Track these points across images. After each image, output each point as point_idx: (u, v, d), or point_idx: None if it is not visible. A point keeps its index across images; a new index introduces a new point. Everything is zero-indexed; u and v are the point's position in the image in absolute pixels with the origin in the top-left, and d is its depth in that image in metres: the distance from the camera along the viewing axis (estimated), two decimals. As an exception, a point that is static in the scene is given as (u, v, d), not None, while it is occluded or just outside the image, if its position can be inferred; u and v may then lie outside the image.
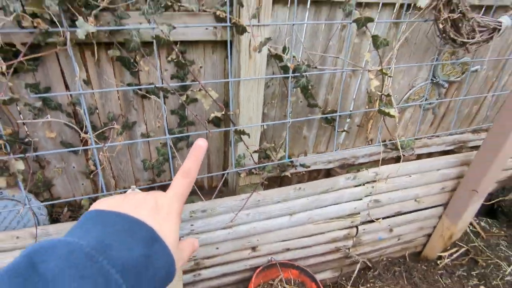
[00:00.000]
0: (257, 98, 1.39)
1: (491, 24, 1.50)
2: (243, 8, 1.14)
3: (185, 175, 0.43)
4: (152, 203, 0.38)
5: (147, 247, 0.32)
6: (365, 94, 1.80)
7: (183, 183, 0.42)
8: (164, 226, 0.36)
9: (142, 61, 1.24)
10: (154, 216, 0.36)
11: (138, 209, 0.36)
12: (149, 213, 0.36)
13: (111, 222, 0.33)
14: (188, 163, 0.43)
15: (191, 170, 0.43)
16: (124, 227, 0.32)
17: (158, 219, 0.36)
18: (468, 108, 2.19)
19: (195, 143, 0.44)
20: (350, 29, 1.47)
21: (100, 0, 1.08)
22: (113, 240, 0.30)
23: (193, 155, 0.44)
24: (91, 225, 0.32)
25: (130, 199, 0.37)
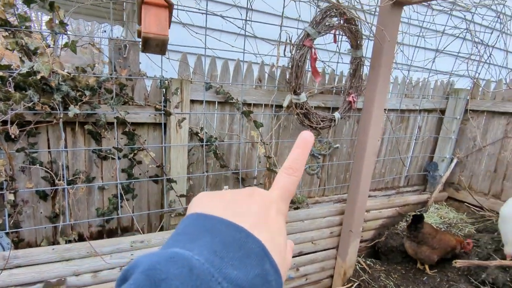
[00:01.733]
0: (183, 158, 2.12)
1: (328, 116, 2.51)
2: (170, 103, 1.98)
3: (291, 172, 0.37)
4: (258, 207, 0.32)
5: (261, 265, 0.27)
6: (264, 161, 2.61)
7: (288, 180, 0.37)
8: (273, 233, 0.31)
9: (106, 133, 1.95)
10: (261, 223, 0.31)
11: (244, 215, 0.31)
12: (257, 220, 0.31)
13: (218, 231, 0.28)
14: (293, 157, 0.38)
15: (297, 165, 0.37)
16: (234, 238, 0.27)
17: (266, 226, 0.31)
18: (343, 175, 3.10)
19: (300, 135, 0.39)
20: (242, 118, 2.36)
21: (83, 96, 1.84)
22: (226, 256, 0.26)
23: (298, 148, 0.38)
24: (197, 233, 0.28)
25: (233, 201, 0.33)
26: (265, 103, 2.46)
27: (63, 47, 1.77)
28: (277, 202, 0.35)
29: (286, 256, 0.34)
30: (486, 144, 3.21)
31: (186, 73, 2.14)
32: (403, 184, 3.55)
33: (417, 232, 2.50)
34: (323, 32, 2.16)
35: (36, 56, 1.63)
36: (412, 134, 3.37)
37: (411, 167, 3.53)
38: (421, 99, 3.23)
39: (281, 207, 0.35)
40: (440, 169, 3.47)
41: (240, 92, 2.30)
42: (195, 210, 0.32)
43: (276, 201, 0.35)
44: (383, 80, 2.28)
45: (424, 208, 3.35)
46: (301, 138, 0.38)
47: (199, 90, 2.17)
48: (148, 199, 2.26)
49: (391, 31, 2.15)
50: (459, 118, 3.34)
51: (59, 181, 1.87)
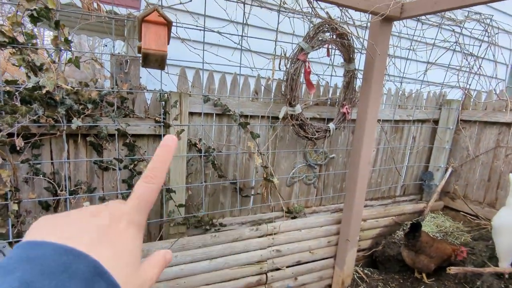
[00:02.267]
0: (181, 169, 2.18)
1: (323, 127, 2.58)
2: (170, 115, 2.05)
3: (149, 179, 0.35)
4: (104, 221, 0.31)
5: (88, 285, 0.25)
6: (262, 172, 2.67)
7: (146, 189, 0.35)
8: (119, 247, 0.30)
9: (107, 144, 2.02)
10: (104, 240, 0.29)
11: (83, 233, 0.29)
12: (98, 237, 0.29)
13: (41, 259, 0.26)
14: (152, 165, 0.36)
15: (156, 173, 0.35)
16: (57, 263, 0.25)
17: (110, 241, 0.30)
18: (339, 184, 3.15)
19: (162, 141, 0.37)
20: (240, 129, 2.43)
21: (86, 109, 1.92)
22: (41, 284, 0.24)
23: (158, 155, 0.36)
24: (15, 265, 0.25)
25: (74, 219, 0.31)
26: (262, 114, 2.53)
27: (67, 62, 1.85)
28: (129, 214, 0.33)
29: (143, 269, 0.33)
30: (479, 153, 3.27)
31: (185, 86, 2.22)
32: (399, 193, 3.60)
33: (415, 241, 2.54)
34: (316, 46, 2.26)
35: (41, 71, 1.71)
36: (407, 144, 3.44)
37: (406, 177, 3.58)
38: (414, 110, 3.31)
39: (135, 218, 0.33)
40: (436, 179, 3.53)
41: (237, 104, 2.38)
42: (29, 237, 0.29)
43: (128, 212, 0.33)
44: (375, 92, 2.37)
45: (421, 217, 3.38)
46: (162, 143, 0.37)
47: (197, 102, 2.25)
48: (147, 209, 2.31)
49: (382, 45, 2.25)
50: (452, 128, 3.41)
51: (61, 191, 1.92)
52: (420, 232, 2.58)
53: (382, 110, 3.10)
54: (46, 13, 1.67)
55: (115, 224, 0.32)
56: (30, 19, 1.68)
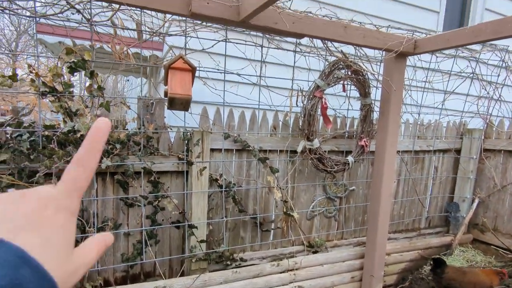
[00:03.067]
0: (203, 204, 2.24)
1: (341, 161, 2.60)
2: (192, 153, 2.14)
3: (79, 163, 0.33)
4: (29, 207, 0.29)
5: (11, 274, 0.24)
6: (281, 206, 2.68)
7: (76, 172, 0.33)
8: (47, 233, 0.29)
9: (133, 182, 2.12)
10: (29, 226, 0.28)
11: (5, 220, 0.27)
12: (22, 223, 0.28)
13: None
14: (84, 149, 0.34)
15: (86, 157, 0.34)
16: None
17: (36, 227, 0.28)
18: (361, 217, 3.10)
19: (94, 124, 0.35)
20: (259, 164, 2.49)
21: (114, 149, 2.04)
22: None
23: (89, 139, 0.34)
24: None
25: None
26: (280, 149, 2.59)
27: (99, 107, 2.00)
28: (57, 199, 0.31)
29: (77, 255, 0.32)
30: (506, 183, 3.16)
31: (206, 124, 2.33)
32: (424, 225, 3.48)
33: (439, 278, 2.42)
34: (332, 83, 2.34)
35: (76, 116, 1.86)
36: (429, 174, 3.37)
37: (431, 208, 3.48)
38: (434, 140, 3.27)
39: (64, 203, 0.31)
40: (462, 210, 3.40)
41: (256, 140, 2.45)
42: None
43: (56, 197, 0.31)
44: (393, 124, 2.39)
45: (449, 251, 3.24)
46: (94, 126, 0.35)
47: (218, 139, 2.34)
48: (170, 244, 2.35)
49: (397, 80, 2.30)
50: (476, 158, 3.33)
51: (89, 228, 2.01)
52: (444, 269, 2.47)
53: (401, 141, 3.09)
54: (83, 64, 1.84)
55: (42, 209, 0.30)
56: (69, 70, 1.85)
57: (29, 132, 1.86)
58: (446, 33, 2.02)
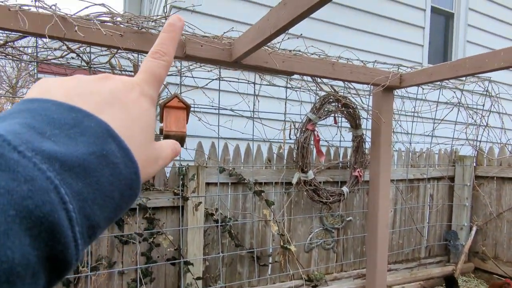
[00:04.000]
0: (199, 240, 2.22)
1: (336, 191, 2.62)
2: (188, 188, 2.16)
3: (158, 56, 0.32)
4: (114, 87, 0.28)
5: (100, 144, 0.23)
6: (278, 239, 2.65)
7: (155, 63, 0.32)
8: (132, 115, 0.27)
9: (128, 219, 2.11)
10: (115, 104, 0.27)
11: (91, 95, 0.26)
12: (108, 100, 0.26)
13: (44, 109, 0.23)
14: (159, 41, 0.33)
15: (163, 48, 0.32)
16: (64, 117, 0.22)
17: (122, 107, 0.27)
18: (359, 248, 3.06)
19: (168, 20, 0.34)
20: (254, 196, 2.50)
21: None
22: (48, 131, 0.21)
23: (164, 32, 0.33)
24: (14, 114, 0.22)
25: (83, 81, 0.27)
26: (275, 181, 2.61)
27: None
28: (140, 85, 0.30)
29: (159, 145, 0.31)
30: (502, 210, 3.17)
31: (202, 159, 2.36)
32: (424, 255, 3.43)
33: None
34: (323, 116, 2.41)
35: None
36: (425, 202, 3.38)
37: (429, 237, 3.45)
38: (428, 168, 3.32)
39: (147, 90, 0.30)
40: (461, 238, 3.38)
41: (252, 173, 2.48)
42: (30, 94, 0.26)
43: (139, 83, 0.30)
44: (384, 155, 2.44)
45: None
46: (167, 22, 0.34)
47: (213, 173, 2.36)
48: (165, 282, 2.30)
49: (386, 112, 2.38)
50: (470, 185, 3.36)
51: (82, 268, 1.97)
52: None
53: (394, 170, 3.13)
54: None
55: (128, 91, 0.28)
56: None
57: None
58: (429, 68, 2.13)
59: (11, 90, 10.75)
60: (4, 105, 12.16)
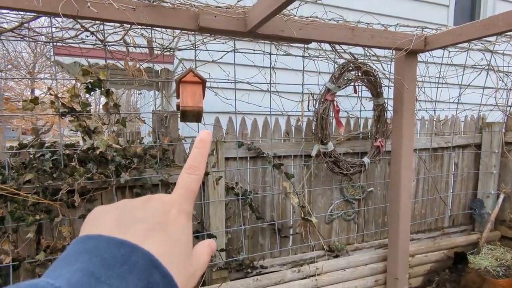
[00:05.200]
0: (221, 213, 2.26)
1: (357, 162, 2.57)
2: (208, 163, 2.17)
3: (191, 171, 0.37)
4: (155, 211, 0.32)
5: (146, 278, 0.26)
6: (299, 211, 2.67)
7: (190, 179, 0.37)
8: (172, 234, 0.31)
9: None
10: (157, 228, 0.30)
11: (135, 224, 0.30)
12: (151, 225, 0.30)
13: (97, 250, 0.27)
14: (191, 157, 0.38)
15: (196, 163, 0.38)
16: (115, 255, 0.26)
17: (163, 229, 0.31)
18: (381, 218, 3.04)
19: (198, 136, 0.40)
20: (274, 170, 2.49)
21: (132, 164, 2.09)
22: (104, 275, 0.25)
23: (196, 148, 0.39)
24: (75, 257, 0.26)
25: (126, 212, 0.31)
26: (295, 154, 2.59)
27: (115, 123, 2.06)
28: (179, 203, 0.34)
29: (195, 257, 0.34)
30: (532, 176, 3.04)
31: (220, 134, 2.36)
32: (447, 224, 3.38)
33: (458, 276, 2.35)
34: (343, 86, 2.33)
35: (95, 134, 1.92)
36: (449, 171, 3.28)
37: (454, 206, 3.38)
38: (453, 136, 3.19)
39: (184, 206, 0.34)
40: (487, 206, 3.29)
41: (270, 146, 2.46)
42: (83, 231, 0.30)
43: (177, 201, 0.34)
44: (407, 123, 2.35)
45: (476, 250, 3.13)
46: (198, 138, 0.39)
47: (232, 148, 2.36)
48: (190, 255, 2.37)
49: (409, 78, 2.27)
50: (498, 152, 3.22)
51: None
52: (465, 266, 2.38)
53: (418, 139, 3.03)
54: (99, 83, 1.91)
55: (167, 211, 0.32)
56: (86, 90, 1.92)
57: (51, 151, 1.93)
58: (457, 27, 1.99)
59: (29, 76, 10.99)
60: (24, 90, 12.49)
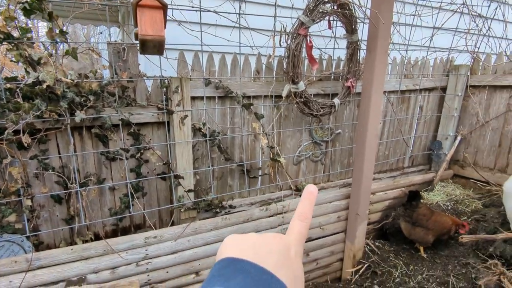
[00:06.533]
0: (188, 154, 2.18)
1: (327, 103, 2.53)
2: (172, 101, 2.03)
3: (302, 218, 0.43)
4: (280, 248, 0.38)
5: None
6: (268, 152, 2.66)
7: (301, 225, 0.43)
8: (294, 271, 0.37)
9: (112, 135, 2.02)
10: (284, 263, 0.36)
11: (268, 256, 0.36)
12: (279, 260, 0.36)
13: (248, 272, 0.33)
14: (302, 206, 0.44)
15: (306, 212, 0.44)
16: (261, 279, 0.32)
17: (288, 265, 0.36)
18: (346, 159, 3.14)
19: (306, 188, 0.46)
20: (243, 110, 2.41)
21: (88, 101, 1.90)
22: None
23: (306, 199, 0.45)
24: (231, 274, 0.33)
25: (258, 245, 0.38)
26: (265, 94, 2.49)
27: (64, 54, 1.82)
28: (295, 245, 0.40)
29: None
30: (489, 119, 3.20)
31: (185, 70, 2.18)
32: (407, 164, 3.58)
33: (411, 211, 2.54)
34: (317, 19, 2.18)
35: (40, 66, 1.69)
36: (414, 114, 3.38)
37: (414, 147, 3.55)
38: (421, 78, 3.22)
39: (298, 250, 0.40)
40: (444, 147, 3.49)
41: (239, 86, 2.34)
42: (227, 253, 0.37)
43: (294, 244, 0.40)
44: (380, 63, 2.30)
45: (430, 187, 3.38)
46: (307, 191, 0.46)
47: (198, 86, 2.21)
48: (157, 196, 2.34)
49: (385, 13, 2.16)
50: (461, 95, 3.33)
51: (71, 184, 1.95)
52: (418, 202, 2.58)
53: (388, 81, 3.03)
54: (38, 4, 1.63)
55: (288, 251, 0.39)
56: (23, 12, 1.64)
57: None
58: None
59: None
60: None
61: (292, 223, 0.43)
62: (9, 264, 1.75)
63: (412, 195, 2.65)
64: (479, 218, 2.88)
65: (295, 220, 0.43)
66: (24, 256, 1.79)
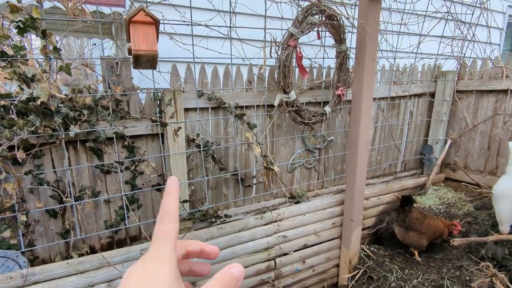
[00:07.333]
0: (182, 165, 2.21)
1: (319, 111, 2.58)
2: (165, 113, 2.06)
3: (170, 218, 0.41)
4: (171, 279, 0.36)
5: None
6: (262, 161, 2.69)
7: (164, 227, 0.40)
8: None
9: (107, 148, 2.04)
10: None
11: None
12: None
13: None
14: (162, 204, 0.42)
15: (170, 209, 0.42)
16: None
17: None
18: (340, 166, 3.18)
19: (166, 183, 0.44)
20: (236, 121, 2.44)
21: (82, 115, 1.93)
22: None
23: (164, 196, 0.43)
24: None
25: None
26: (257, 104, 2.54)
27: (58, 70, 1.85)
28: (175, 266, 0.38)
29: None
30: (477, 123, 3.28)
31: (178, 83, 2.22)
32: (400, 169, 3.63)
33: (404, 216, 2.58)
34: (306, 30, 2.24)
35: (34, 82, 1.71)
36: (404, 119, 3.44)
37: (406, 152, 3.60)
38: (410, 84, 3.30)
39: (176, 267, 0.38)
40: (435, 151, 3.55)
41: (232, 96, 2.38)
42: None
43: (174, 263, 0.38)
44: (369, 71, 2.36)
45: (423, 191, 3.43)
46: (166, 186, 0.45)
47: (191, 98, 2.25)
48: (153, 208, 2.35)
49: (372, 23, 2.22)
50: (449, 100, 3.40)
51: (66, 198, 1.96)
52: (411, 207, 2.62)
53: (377, 88, 3.09)
54: (32, 23, 1.66)
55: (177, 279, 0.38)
56: (17, 30, 1.67)
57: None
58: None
59: None
60: None
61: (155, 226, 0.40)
62: (4, 280, 1.75)
63: (405, 200, 2.70)
64: (471, 220, 2.93)
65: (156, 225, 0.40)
66: (19, 271, 1.78)
